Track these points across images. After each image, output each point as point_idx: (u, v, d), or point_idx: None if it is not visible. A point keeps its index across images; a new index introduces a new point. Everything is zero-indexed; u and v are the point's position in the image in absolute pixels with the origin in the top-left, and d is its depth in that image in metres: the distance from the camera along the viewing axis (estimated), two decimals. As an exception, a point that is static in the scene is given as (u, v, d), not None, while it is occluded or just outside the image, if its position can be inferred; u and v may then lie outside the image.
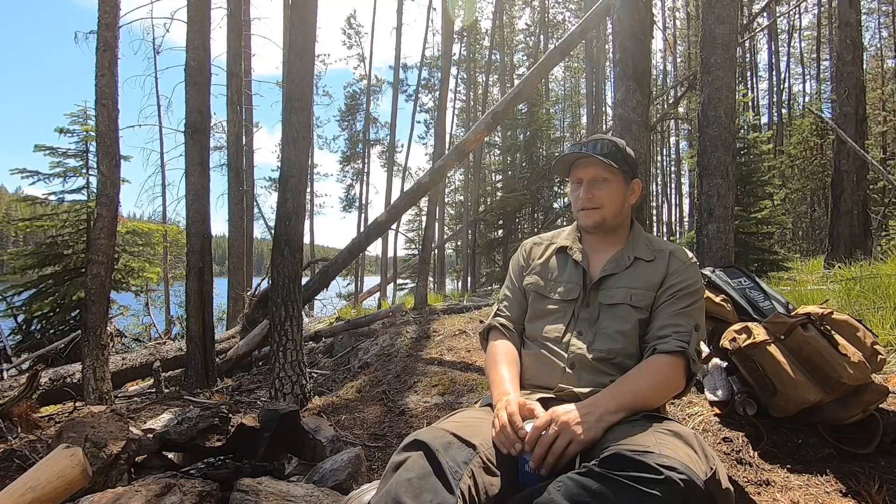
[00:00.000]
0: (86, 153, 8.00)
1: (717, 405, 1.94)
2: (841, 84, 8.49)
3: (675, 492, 0.87)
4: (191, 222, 4.64)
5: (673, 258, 1.36)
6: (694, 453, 0.98)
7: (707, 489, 0.91)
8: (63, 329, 7.51)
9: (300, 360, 3.45)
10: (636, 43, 3.18)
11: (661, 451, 0.95)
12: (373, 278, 22.91)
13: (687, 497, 0.88)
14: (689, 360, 1.23)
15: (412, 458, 0.99)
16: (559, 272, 1.43)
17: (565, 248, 1.45)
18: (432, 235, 8.25)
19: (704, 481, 0.91)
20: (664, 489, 0.87)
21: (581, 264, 1.40)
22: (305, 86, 3.68)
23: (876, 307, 2.88)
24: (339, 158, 23.95)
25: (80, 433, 1.67)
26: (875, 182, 12.48)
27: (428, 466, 0.97)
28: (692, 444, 1.01)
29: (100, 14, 4.25)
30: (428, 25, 18.21)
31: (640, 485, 0.88)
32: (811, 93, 25.10)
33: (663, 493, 0.87)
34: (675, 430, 1.06)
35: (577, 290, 1.37)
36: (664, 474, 0.89)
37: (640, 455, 0.93)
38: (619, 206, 1.38)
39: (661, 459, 0.92)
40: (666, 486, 0.88)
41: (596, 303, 1.34)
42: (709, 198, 3.68)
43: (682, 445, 1.00)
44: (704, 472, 0.94)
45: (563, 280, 1.41)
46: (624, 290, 1.32)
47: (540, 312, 1.40)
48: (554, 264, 1.45)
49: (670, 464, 0.91)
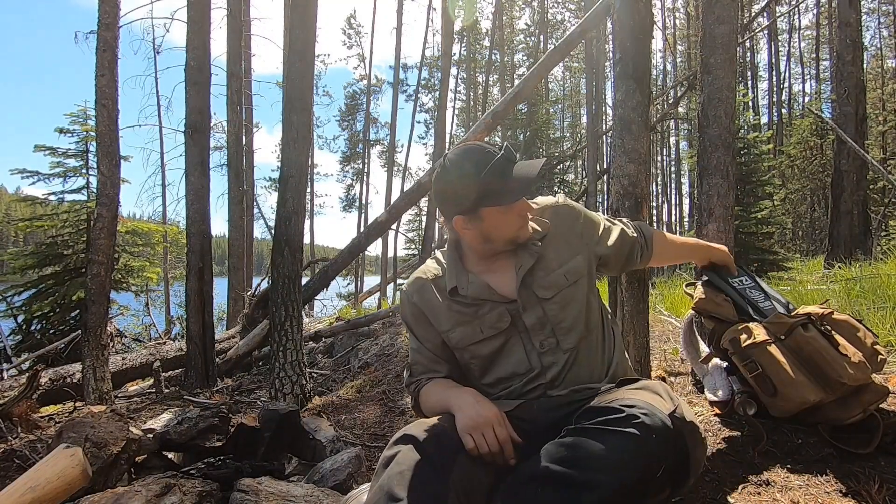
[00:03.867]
0: (86, 153, 8.00)
1: (717, 405, 1.94)
2: (841, 84, 8.49)
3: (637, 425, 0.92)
4: (191, 222, 4.64)
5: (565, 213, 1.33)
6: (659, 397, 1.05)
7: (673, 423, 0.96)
8: (63, 329, 7.50)
9: (300, 360, 3.45)
10: (636, 43, 3.17)
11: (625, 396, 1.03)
12: (373, 278, 22.91)
13: (649, 429, 0.93)
14: None
15: (402, 452, 1.00)
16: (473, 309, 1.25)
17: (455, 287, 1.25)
18: (432, 235, 8.25)
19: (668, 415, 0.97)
20: (626, 423, 0.93)
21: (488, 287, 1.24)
22: (305, 86, 3.68)
23: (876, 307, 2.88)
24: (339, 158, 23.98)
25: (80, 433, 1.67)
26: (875, 182, 12.48)
27: (418, 458, 0.99)
28: (657, 390, 1.09)
29: (100, 14, 4.25)
30: (428, 25, 18.23)
31: (606, 426, 0.94)
32: (811, 93, 25.13)
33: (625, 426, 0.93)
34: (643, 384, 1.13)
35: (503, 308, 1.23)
36: (625, 412, 0.95)
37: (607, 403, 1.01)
38: None
39: (624, 402, 0.99)
40: (628, 420, 0.93)
41: (533, 301, 1.23)
42: (709, 198, 3.67)
43: (647, 393, 1.06)
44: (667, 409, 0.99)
45: (482, 314, 1.24)
46: (555, 275, 1.24)
47: (489, 358, 1.25)
48: (458, 307, 1.26)
49: (632, 403, 0.98)
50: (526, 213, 1.24)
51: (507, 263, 1.26)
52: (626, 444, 0.91)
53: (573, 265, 1.27)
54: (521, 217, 1.23)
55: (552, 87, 26.47)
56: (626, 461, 0.90)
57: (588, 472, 0.90)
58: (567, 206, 1.34)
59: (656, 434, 0.92)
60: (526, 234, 1.24)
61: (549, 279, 1.24)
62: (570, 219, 1.32)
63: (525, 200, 1.23)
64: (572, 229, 1.32)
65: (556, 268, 1.25)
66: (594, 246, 1.35)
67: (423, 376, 1.33)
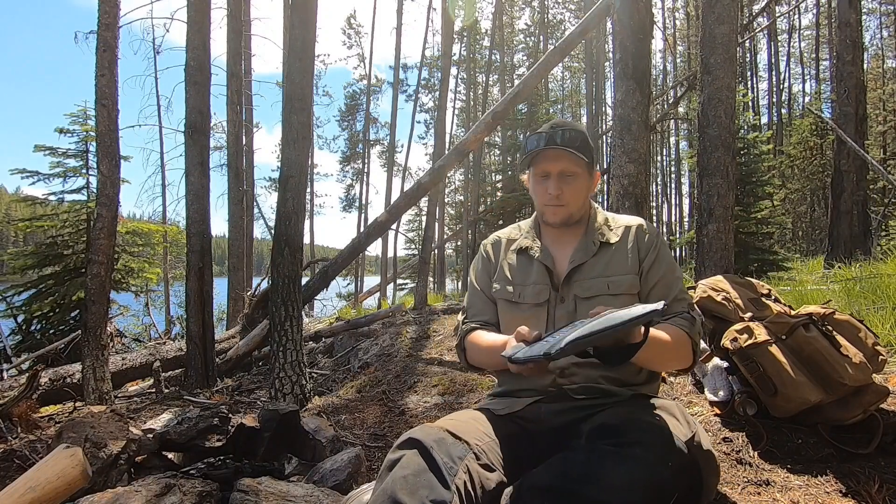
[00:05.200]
0: (86, 153, 7.99)
1: (718, 405, 1.94)
2: (841, 84, 8.49)
3: (655, 452, 0.91)
4: (191, 222, 4.63)
5: (640, 235, 1.33)
6: (675, 420, 1.03)
7: (688, 450, 0.94)
8: (63, 329, 7.50)
9: (300, 360, 3.45)
10: (636, 43, 3.18)
11: (642, 418, 1.00)
12: (373, 278, 22.89)
13: (666, 456, 0.91)
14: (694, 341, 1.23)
15: (407, 456, 1.00)
16: (524, 275, 1.36)
17: (526, 248, 1.39)
18: (432, 235, 8.25)
19: (685, 442, 0.95)
20: (644, 450, 0.91)
21: (545, 262, 1.34)
22: (305, 86, 3.68)
23: (876, 307, 2.88)
24: (339, 158, 23.98)
25: (80, 433, 1.67)
26: (875, 182, 12.47)
27: (423, 463, 0.98)
28: (674, 413, 1.06)
29: (100, 14, 4.24)
30: (428, 25, 18.22)
31: (620, 448, 0.92)
32: (811, 93, 25.11)
33: (643, 453, 0.90)
34: (659, 403, 1.10)
35: (547, 290, 1.32)
36: (643, 438, 0.92)
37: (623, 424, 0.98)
38: (583, 200, 1.35)
39: (642, 425, 0.96)
40: (645, 446, 0.91)
41: (570, 297, 1.29)
42: (709, 198, 3.68)
43: (663, 414, 1.04)
44: (685, 435, 0.98)
45: (529, 282, 1.34)
46: (599, 281, 1.29)
47: (514, 321, 1.32)
48: (516, 266, 1.39)
49: (649, 428, 0.95)
50: (545, 184, 1.31)
51: (567, 251, 1.34)
52: (642, 471, 0.89)
53: (620, 280, 1.28)
54: (539, 185, 1.33)
55: (552, 87, 26.46)
56: (639, 488, 0.88)
57: (600, 494, 0.88)
58: (642, 229, 1.34)
59: (672, 463, 0.91)
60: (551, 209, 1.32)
61: (594, 282, 1.28)
62: (638, 239, 1.33)
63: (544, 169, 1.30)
64: (636, 250, 1.32)
65: (603, 274, 1.29)
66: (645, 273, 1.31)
67: (475, 318, 1.42)
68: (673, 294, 1.28)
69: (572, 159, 1.28)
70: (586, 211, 1.38)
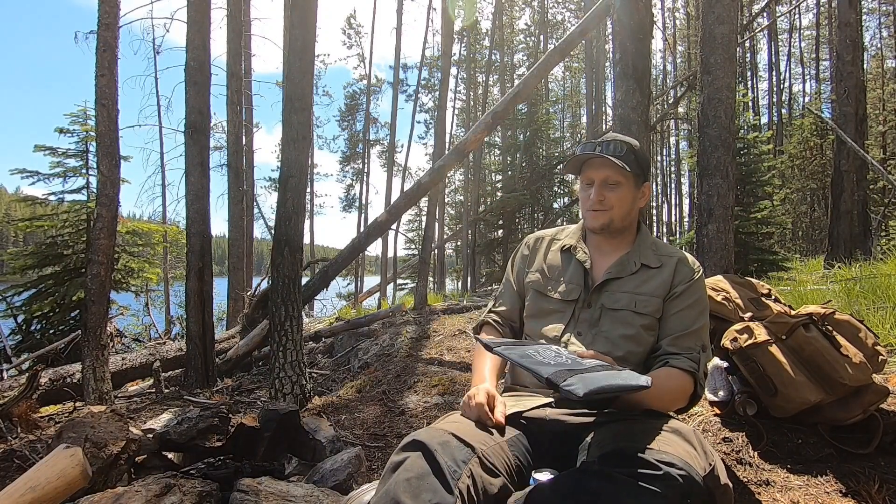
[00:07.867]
0: (86, 153, 7.99)
1: (718, 405, 1.94)
2: (841, 84, 8.49)
3: (674, 487, 0.88)
4: (191, 222, 4.63)
5: (680, 266, 1.34)
6: (693, 449, 0.99)
7: (706, 485, 0.91)
8: (63, 329, 7.50)
9: (300, 360, 3.45)
10: (636, 43, 3.18)
11: (661, 447, 0.96)
12: (373, 278, 22.90)
13: (686, 492, 0.88)
14: (697, 383, 1.24)
15: (411, 459, 0.98)
16: (561, 271, 1.41)
17: (570, 247, 1.43)
18: (432, 235, 8.25)
19: (703, 477, 0.92)
20: (663, 485, 0.88)
21: (584, 265, 1.38)
22: (305, 86, 3.68)
23: (876, 307, 2.88)
24: (339, 158, 23.95)
25: (80, 433, 1.67)
26: (875, 182, 12.48)
27: (426, 466, 0.96)
28: (691, 440, 1.03)
29: (100, 14, 4.24)
30: (428, 25, 18.22)
31: (639, 480, 0.88)
32: (811, 93, 25.12)
33: (662, 488, 0.87)
34: (675, 427, 1.07)
35: (579, 290, 1.35)
36: (663, 470, 0.89)
37: (640, 451, 0.94)
38: (627, 209, 1.36)
39: (661, 455, 0.92)
40: (665, 481, 0.88)
41: (598, 305, 1.32)
42: (709, 198, 3.68)
43: (681, 442, 1.01)
44: (703, 468, 0.95)
45: (564, 279, 1.39)
46: (628, 296, 1.31)
47: (540, 311, 1.39)
48: (557, 262, 1.43)
49: (669, 459, 0.91)
50: (588, 191, 1.36)
51: (608, 260, 1.38)
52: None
53: (648, 301, 1.30)
54: (584, 192, 1.38)
55: (552, 87, 26.46)
56: None
57: None
58: (683, 264, 1.35)
59: (691, 500, 0.89)
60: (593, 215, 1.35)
61: (623, 296, 1.31)
62: (678, 270, 1.34)
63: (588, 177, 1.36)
64: (672, 280, 1.33)
65: (635, 291, 1.31)
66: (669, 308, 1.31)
67: (498, 307, 1.51)
68: (688, 329, 1.28)
69: (616, 168, 1.32)
70: (631, 225, 1.40)
